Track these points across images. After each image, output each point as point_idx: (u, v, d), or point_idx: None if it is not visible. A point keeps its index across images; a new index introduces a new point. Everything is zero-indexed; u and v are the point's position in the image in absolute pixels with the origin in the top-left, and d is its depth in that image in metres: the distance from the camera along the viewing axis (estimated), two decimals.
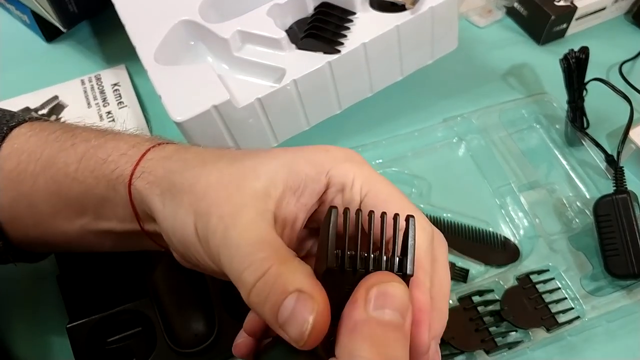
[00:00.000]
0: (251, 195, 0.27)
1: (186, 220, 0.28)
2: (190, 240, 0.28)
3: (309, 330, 0.23)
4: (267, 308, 0.24)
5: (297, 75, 0.48)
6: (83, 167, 0.33)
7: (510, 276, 0.47)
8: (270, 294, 0.24)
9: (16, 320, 0.45)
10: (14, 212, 0.34)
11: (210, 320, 0.41)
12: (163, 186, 0.30)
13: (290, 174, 0.28)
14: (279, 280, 0.24)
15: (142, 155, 0.32)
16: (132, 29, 0.51)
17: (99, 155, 0.33)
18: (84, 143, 0.34)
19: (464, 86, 0.61)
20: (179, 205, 0.29)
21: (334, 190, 0.29)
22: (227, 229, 0.26)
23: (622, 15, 0.68)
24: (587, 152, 0.56)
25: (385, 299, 0.23)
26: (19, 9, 0.63)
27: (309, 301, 0.23)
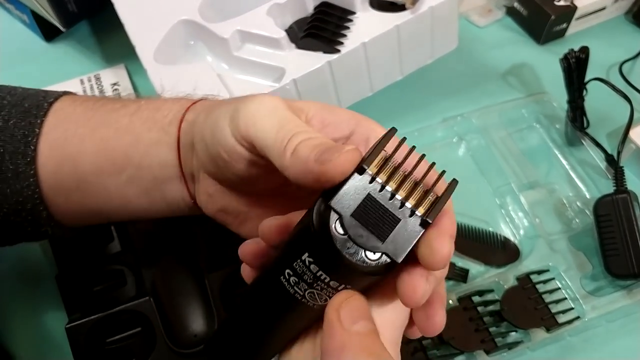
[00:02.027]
0: (288, 105, 0.29)
1: (222, 109, 0.30)
2: (220, 123, 0.29)
3: (347, 152, 0.24)
4: (312, 155, 0.25)
5: (297, 74, 0.48)
6: (136, 118, 0.35)
7: (510, 276, 0.47)
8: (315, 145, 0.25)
9: (16, 320, 0.45)
10: (58, 178, 0.35)
11: (210, 320, 0.41)
12: (208, 109, 0.32)
13: (323, 109, 0.30)
14: (317, 140, 0.25)
15: (194, 102, 0.35)
16: (131, 28, 0.51)
17: (152, 105, 0.35)
18: (134, 103, 0.36)
19: (464, 86, 0.61)
20: (222, 105, 0.31)
21: (358, 138, 0.30)
22: (261, 103, 0.28)
23: (622, 15, 0.68)
24: (587, 152, 0.55)
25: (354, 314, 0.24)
26: (19, 9, 0.63)
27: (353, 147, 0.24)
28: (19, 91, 0.37)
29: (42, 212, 0.35)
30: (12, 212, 0.35)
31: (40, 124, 0.35)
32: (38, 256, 0.47)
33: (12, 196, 0.34)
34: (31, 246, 0.47)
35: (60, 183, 0.35)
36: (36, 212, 0.35)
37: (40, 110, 0.35)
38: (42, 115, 0.35)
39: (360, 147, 0.28)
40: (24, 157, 0.34)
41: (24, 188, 0.34)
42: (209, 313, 0.42)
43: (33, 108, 0.35)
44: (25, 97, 0.36)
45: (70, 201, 0.36)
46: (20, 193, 0.34)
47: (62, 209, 0.36)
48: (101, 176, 0.35)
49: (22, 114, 0.35)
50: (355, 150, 0.24)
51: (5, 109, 0.35)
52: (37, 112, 0.35)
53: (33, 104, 0.36)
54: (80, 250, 0.44)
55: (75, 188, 0.35)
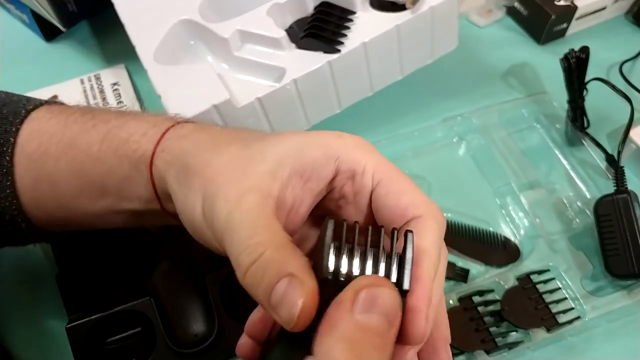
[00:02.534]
0: (257, 177, 0.27)
1: (195, 202, 0.29)
2: (198, 221, 0.28)
3: (298, 312, 0.23)
4: (260, 290, 0.24)
5: (297, 74, 0.48)
6: (105, 147, 0.33)
7: (510, 276, 0.47)
8: (264, 277, 0.24)
9: (16, 320, 0.45)
10: (37, 194, 0.34)
11: (210, 320, 0.41)
12: (177, 166, 0.31)
13: (298, 157, 0.28)
14: (273, 265, 0.24)
15: (162, 135, 0.33)
16: (131, 28, 0.51)
17: (121, 135, 0.33)
18: (104, 124, 0.34)
19: (464, 86, 0.61)
20: (190, 187, 0.29)
21: (344, 177, 0.29)
22: (230, 213, 0.26)
23: (622, 15, 0.68)
24: (587, 152, 0.55)
25: (373, 303, 0.23)
26: (19, 8, 0.63)
27: (299, 285, 0.23)
28: (1, 97, 0.36)
29: (21, 223, 0.35)
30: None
31: (15, 132, 0.34)
32: (38, 256, 0.47)
33: None
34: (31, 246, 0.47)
35: (39, 199, 0.34)
36: (15, 223, 0.35)
37: (16, 118, 0.34)
38: (18, 122, 0.34)
39: (347, 187, 0.29)
40: (0, 168, 0.33)
41: (1, 199, 0.33)
42: (209, 313, 0.42)
43: (10, 115, 0.34)
44: (5, 103, 0.35)
45: (52, 217, 0.35)
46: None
47: (44, 222, 0.36)
48: (80, 199, 0.34)
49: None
50: (306, 304, 0.23)
51: None
52: (14, 119, 0.34)
53: (11, 111, 0.35)
54: (80, 250, 0.44)
55: (55, 207, 0.35)
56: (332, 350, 0.22)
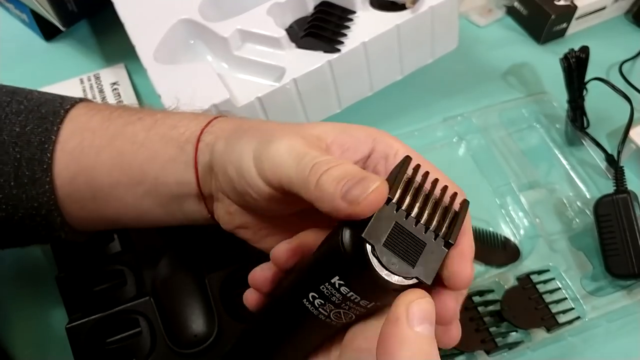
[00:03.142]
0: (307, 134, 0.30)
1: (245, 146, 0.30)
2: (247, 166, 0.30)
3: (374, 190, 0.24)
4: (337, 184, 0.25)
5: (297, 74, 0.48)
6: (152, 134, 0.35)
7: (510, 276, 0.47)
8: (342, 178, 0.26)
9: (16, 320, 0.45)
10: (74, 187, 0.35)
11: (210, 320, 0.41)
12: (230, 132, 0.33)
13: (341, 133, 0.31)
14: (352, 169, 0.26)
15: (211, 120, 0.35)
16: (131, 27, 0.51)
17: (168, 122, 0.35)
18: (150, 116, 0.36)
19: (464, 85, 0.61)
20: (242, 136, 0.31)
21: (378, 156, 0.31)
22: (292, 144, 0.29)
23: (622, 15, 0.68)
24: (587, 152, 0.55)
25: (423, 315, 0.24)
26: (18, 8, 0.63)
27: (377, 178, 0.25)
28: (35, 96, 0.37)
29: (57, 218, 0.35)
30: (27, 216, 0.35)
31: (56, 131, 0.35)
32: (38, 256, 0.47)
33: (27, 201, 0.35)
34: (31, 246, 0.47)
35: (75, 192, 0.35)
36: (51, 218, 0.35)
37: (56, 117, 0.35)
38: (59, 122, 0.35)
39: (379, 165, 0.31)
40: (40, 164, 0.34)
41: (40, 194, 0.34)
42: (209, 313, 0.41)
43: (50, 114, 0.35)
44: (41, 102, 0.36)
45: (86, 209, 0.36)
46: (35, 199, 0.35)
47: (76, 216, 0.36)
48: (117, 188, 0.35)
49: (39, 120, 0.35)
50: (381, 187, 0.24)
51: (22, 114, 0.35)
52: (54, 118, 0.35)
53: (49, 110, 0.36)
54: (80, 250, 0.43)
55: (91, 198, 0.35)
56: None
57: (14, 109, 0.36)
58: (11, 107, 0.36)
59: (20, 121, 0.35)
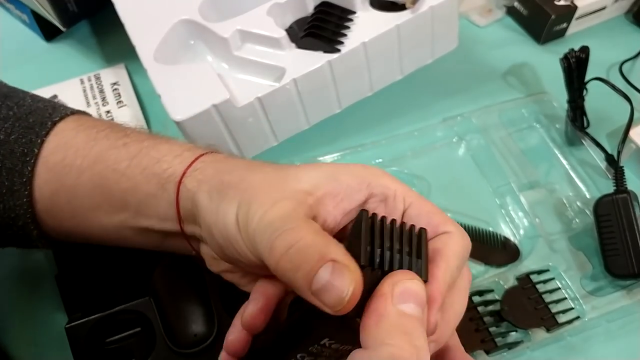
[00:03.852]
0: (292, 192, 0.29)
1: (229, 210, 0.29)
2: (231, 229, 0.29)
3: (349, 297, 0.24)
4: (300, 274, 0.25)
5: (297, 74, 0.48)
6: (135, 164, 0.34)
7: (510, 276, 0.47)
8: (304, 262, 0.25)
9: (15, 320, 0.45)
10: (54, 203, 0.35)
11: (210, 320, 0.41)
12: (211, 184, 0.31)
13: (331, 182, 0.30)
14: (314, 249, 0.25)
15: (196, 158, 0.33)
16: (131, 28, 0.51)
17: (152, 154, 0.34)
18: (136, 143, 0.35)
19: (464, 85, 0.61)
20: (224, 198, 0.30)
21: (376, 200, 0.31)
22: (265, 213, 0.28)
23: (622, 15, 0.68)
24: (587, 152, 0.55)
25: (409, 294, 0.25)
26: (19, 8, 0.63)
27: (347, 271, 0.24)
28: (27, 102, 0.36)
29: (33, 231, 0.35)
30: (4, 225, 0.35)
31: (40, 143, 0.34)
32: (38, 256, 0.47)
33: (4, 211, 0.34)
34: None
35: (55, 208, 0.35)
36: (27, 230, 0.35)
37: (42, 129, 0.35)
38: (44, 134, 0.34)
39: (379, 209, 0.31)
40: (20, 176, 0.34)
41: (17, 206, 0.34)
42: (209, 313, 0.42)
43: (37, 125, 0.35)
44: (31, 111, 0.36)
45: (65, 226, 0.36)
46: (12, 210, 0.34)
47: (56, 230, 0.36)
48: (97, 212, 0.34)
49: (24, 129, 0.35)
50: (355, 293, 0.24)
51: (9, 121, 0.35)
52: (40, 130, 0.35)
53: (37, 121, 0.35)
54: (80, 250, 0.43)
55: (70, 217, 0.35)
56: (388, 339, 0.24)
57: (2, 114, 0.35)
58: (0, 112, 0.35)
59: (6, 128, 0.34)
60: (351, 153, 0.54)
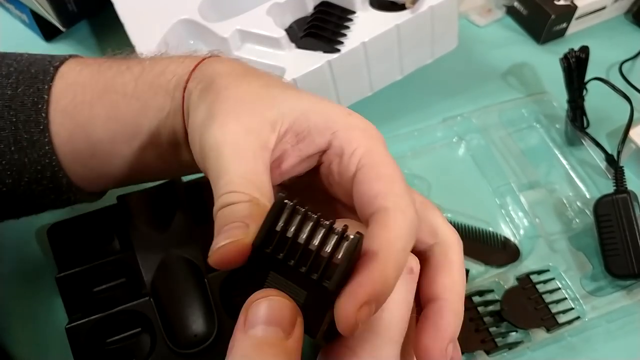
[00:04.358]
0: (259, 123, 0.28)
1: (199, 113, 0.29)
2: (192, 131, 0.29)
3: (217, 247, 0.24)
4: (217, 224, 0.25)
5: (297, 74, 0.48)
6: (141, 83, 0.34)
7: (510, 276, 0.47)
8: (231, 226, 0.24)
9: (15, 320, 0.45)
10: (73, 145, 0.35)
11: (210, 320, 0.41)
12: (205, 82, 0.31)
13: (299, 118, 0.29)
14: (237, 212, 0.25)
15: (200, 62, 0.33)
16: (131, 28, 0.51)
17: (156, 69, 0.34)
18: (138, 64, 0.35)
19: (464, 85, 0.61)
20: (204, 101, 0.30)
21: (333, 153, 0.29)
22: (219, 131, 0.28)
23: (622, 15, 0.68)
24: (587, 152, 0.55)
25: (257, 315, 0.23)
26: (18, 8, 0.63)
27: (240, 228, 0.24)
28: (24, 57, 0.37)
29: (62, 179, 0.35)
30: (34, 180, 0.35)
31: (48, 89, 0.34)
32: (38, 256, 0.47)
33: (30, 165, 0.34)
34: (31, 246, 0.47)
35: (75, 151, 0.35)
36: (56, 180, 0.35)
37: (46, 75, 0.35)
38: (49, 80, 0.35)
39: (334, 164, 0.29)
40: (37, 125, 0.34)
41: (41, 157, 0.34)
42: (209, 313, 0.41)
43: (40, 73, 0.35)
44: (31, 62, 0.36)
45: (88, 167, 0.35)
46: (38, 162, 0.34)
47: (80, 175, 0.36)
48: (115, 143, 0.34)
49: (29, 80, 0.35)
50: (228, 247, 0.23)
51: (13, 76, 0.35)
52: (44, 77, 0.35)
53: (39, 69, 0.35)
54: (80, 250, 0.44)
55: (91, 155, 0.35)
56: None
57: (3, 71, 0.35)
58: (1, 70, 0.35)
59: (11, 83, 0.34)
60: None
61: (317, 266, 0.23)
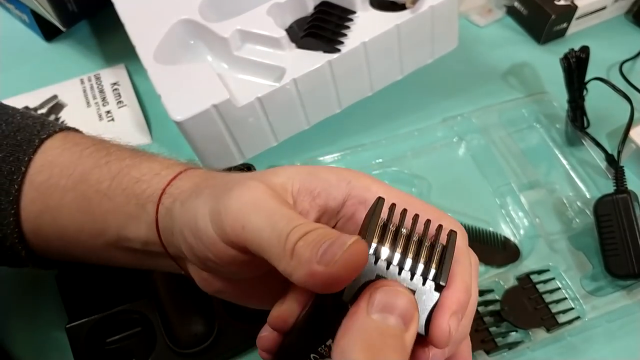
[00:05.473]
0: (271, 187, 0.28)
1: (199, 204, 0.28)
2: (200, 222, 0.28)
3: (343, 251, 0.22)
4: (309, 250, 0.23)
5: (297, 74, 0.48)
6: (116, 184, 0.33)
7: (510, 276, 0.47)
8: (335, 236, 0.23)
9: (15, 320, 0.45)
10: (40, 224, 0.34)
11: (210, 320, 0.41)
12: (185, 195, 0.30)
13: (308, 177, 0.29)
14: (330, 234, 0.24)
15: (175, 176, 0.32)
16: (131, 28, 0.51)
17: (133, 174, 0.33)
18: (118, 162, 0.34)
19: (464, 85, 0.61)
20: (197, 197, 0.29)
21: (354, 203, 0.29)
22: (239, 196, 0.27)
23: (622, 15, 0.68)
24: (587, 152, 0.55)
25: (388, 304, 0.22)
26: (19, 8, 0.63)
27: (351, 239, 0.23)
28: (16, 120, 0.36)
29: (21, 251, 0.35)
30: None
31: (27, 162, 0.34)
32: None
33: None
34: None
35: (41, 229, 0.34)
36: (15, 250, 0.35)
37: (30, 147, 0.34)
38: (31, 152, 0.34)
39: (358, 212, 0.29)
40: (7, 195, 0.33)
41: (4, 226, 0.34)
42: (209, 313, 0.42)
43: (24, 142, 0.34)
44: (20, 127, 0.35)
45: (53, 247, 0.35)
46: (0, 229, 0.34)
47: (44, 251, 0.35)
48: (82, 233, 0.34)
49: (12, 147, 0.34)
50: (358, 243, 0.22)
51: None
52: (27, 148, 0.34)
53: (25, 138, 0.35)
54: None
55: (57, 238, 0.34)
56: (349, 351, 0.22)
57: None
58: None
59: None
60: (351, 153, 0.54)
61: (427, 265, 0.24)
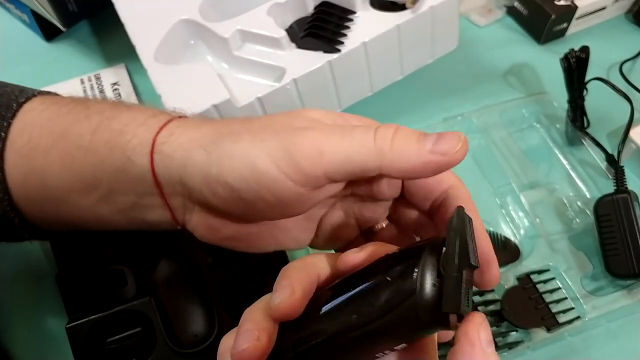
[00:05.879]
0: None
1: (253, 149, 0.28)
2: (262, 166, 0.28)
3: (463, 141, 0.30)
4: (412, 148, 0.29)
5: (297, 74, 0.48)
6: (97, 138, 0.32)
7: (510, 276, 0.47)
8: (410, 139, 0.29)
9: (15, 320, 0.45)
10: (27, 188, 0.33)
11: (210, 320, 0.41)
12: (203, 141, 0.30)
13: None
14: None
15: (164, 125, 0.32)
16: (131, 28, 0.51)
17: (114, 126, 0.32)
18: (97, 115, 0.33)
19: (464, 85, 0.61)
20: (240, 141, 0.29)
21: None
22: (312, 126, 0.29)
23: (622, 15, 0.68)
24: (587, 152, 0.55)
25: (489, 338, 0.25)
26: (19, 8, 0.63)
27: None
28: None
29: (14, 219, 0.34)
30: None
31: (7, 126, 0.33)
32: (38, 256, 0.47)
33: None
34: (31, 246, 0.47)
35: (29, 194, 0.34)
36: (8, 219, 0.34)
37: (9, 111, 0.34)
38: (10, 117, 0.33)
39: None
40: None
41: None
42: (209, 313, 0.42)
43: (3, 108, 0.34)
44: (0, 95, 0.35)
45: (44, 211, 0.34)
46: None
47: (37, 217, 0.35)
48: (71, 192, 0.33)
49: None
50: (466, 142, 0.30)
51: None
52: (6, 113, 0.33)
53: (3, 104, 0.34)
54: (80, 250, 0.43)
55: (46, 200, 0.34)
56: None
57: None
58: None
59: None
60: None
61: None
